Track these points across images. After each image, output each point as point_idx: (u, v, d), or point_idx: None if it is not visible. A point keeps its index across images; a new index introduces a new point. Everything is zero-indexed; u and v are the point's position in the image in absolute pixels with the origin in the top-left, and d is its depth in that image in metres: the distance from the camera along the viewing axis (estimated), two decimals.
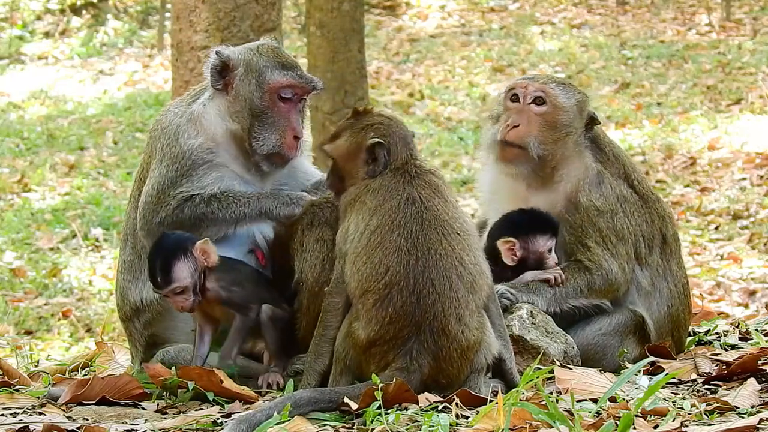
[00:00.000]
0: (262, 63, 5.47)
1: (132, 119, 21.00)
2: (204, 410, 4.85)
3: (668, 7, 26.19)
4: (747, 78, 21.23)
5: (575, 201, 5.56)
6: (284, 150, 5.45)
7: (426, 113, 20.90)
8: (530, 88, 5.59)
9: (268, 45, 5.57)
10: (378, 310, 4.76)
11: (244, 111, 5.45)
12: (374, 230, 4.84)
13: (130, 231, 5.55)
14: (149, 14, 26.81)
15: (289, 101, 5.47)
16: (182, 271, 5.12)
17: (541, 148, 5.54)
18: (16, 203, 17.47)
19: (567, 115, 5.59)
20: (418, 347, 4.75)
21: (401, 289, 4.75)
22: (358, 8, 15.18)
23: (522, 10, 26.70)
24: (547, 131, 5.56)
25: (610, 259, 5.50)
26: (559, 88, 5.61)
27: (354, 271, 4.83)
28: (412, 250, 4.79)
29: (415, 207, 4.88)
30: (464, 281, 4.81)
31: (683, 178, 17.14)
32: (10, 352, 6.80)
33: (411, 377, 4.72)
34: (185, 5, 10.90)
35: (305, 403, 4.59)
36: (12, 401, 5.08)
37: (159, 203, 5.36)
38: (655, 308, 5.64)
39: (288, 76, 5.46)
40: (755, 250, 14.32)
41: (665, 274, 5.69)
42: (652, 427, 4.26)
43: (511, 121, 5.57)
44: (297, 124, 5.47)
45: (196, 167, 5.41)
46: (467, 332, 4.78)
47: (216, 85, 5.49)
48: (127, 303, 5.56)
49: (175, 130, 5.46)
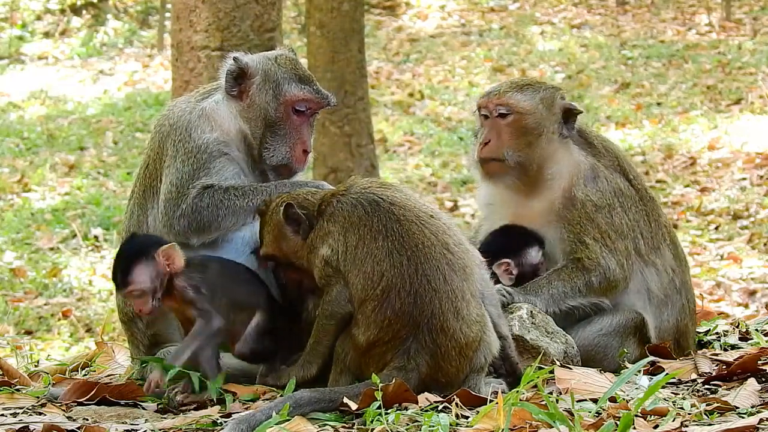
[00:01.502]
0: (280, 74, 5.49)
1: (132, 119, 21.00)
2: (204, 410, 4.85)
3: (668, 7, 26.19)
4: (747, 78, 21.23)
5: (571, 196, 5.56)
6: (293, 163, 5.49)
7: (426, 113, 20.90)
8: (491, 105, 5.63)
9: (287, 56, 5.59)
10: (377, 315, 4.75)
11: (258, 120, 5.48)
12: (356, 245, 4.82)
13: (133, 227, 5.54)
14: (149, 14, 26.81)
15: (302, 115, 5.51)
16: (141, 275, 5.04)
17: (516, 156, 5.57)
18: (16, 203, 17.48)
19: (533, 117, 5.60)
20: (416, 346, 4.74)
21: (399, 291, 4.74)
22: (358, 8, 15.18)
23: (522, 10, 26.70)
24: (518, 138, 5.59)
25: (608, 256, 5.50)
26: (519, 94, 5.61)
27: (351, 283, 4.81)
28: (401, 251, 4.78)
29: (381, 206, 4.88)
30: (456, 269, 4.81)
31: (683, 178, 17.14)
32: (10, 352, 6.80)
33: (409, 376, 4.71)
34: (185, 5, 10.90)
35: (305, 404, 4.59)
36: (12, 401, 5.08)
37: (180, 196, 5.36)
38: (665, 317, 5.65)
39: (305, 90, 5.49)
40: (755, 250, 14.32)
41: (682, 287, 5.70)
42: (652, 427, 4.26)
43: (482, 139, 5.64)
44: (307, 139, 5.52)
45: (212, 160, 5.42)
46: (465, 328, 4.77)
47: (231, 91, 5.51)
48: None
49: (186, 126, 5.46)
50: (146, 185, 5.53)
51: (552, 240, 5.58)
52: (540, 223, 5.59)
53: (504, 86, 5.68)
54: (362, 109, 15.06)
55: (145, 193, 5.53)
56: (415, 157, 18.93)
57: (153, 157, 5.53)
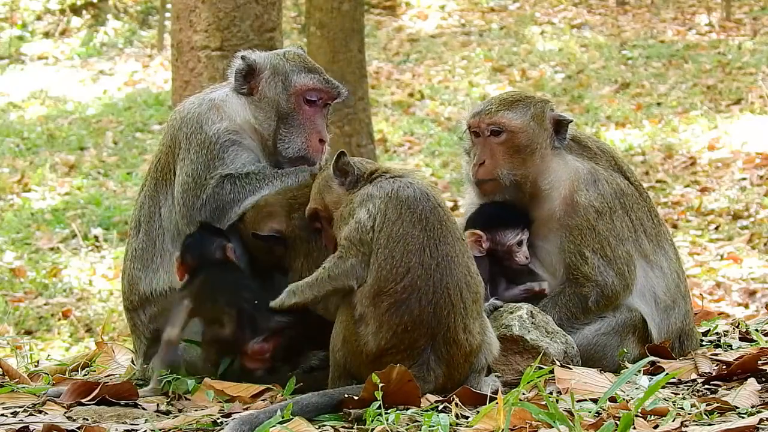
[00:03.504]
0: (288, 67, 5.53)
1: (132, 119, 21.00)
2: (204, 410, 4.85)
3: (668, 7, 26.20)
4: (747, 78, 21.23)
5: (572, 203, 5.55)
6: (310, 153, 5.49)
7: (426, 113, 20.90)
8: (482, 124, 5.60)
9: (294, 51, 5.64)
10: (392, 316, 4.66)
11: (270, 113, 5.50)
12: (394, 221, 4.71)
13: (144, 218, 5.56)
14: (149, 14, 26.81)
15: (314, 105, 5.52)
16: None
17: (512, 175, 5.56)
18: (16, 203, 17.48)
19: (526, 134, 5.58)
20: (434, 358, 4.70)
21: (420, 297, 4.66)
22: (358, 8, 15.18)
23: (522, 10, 26.70)
24: (512, 156, 5.57)
25: (606, 270, 5.49)
26: (510, 112, 5.59)
27: (373, 265, 4.68)
28: (434, 253, 4.69)
29: (430, 201, 4.79)
30: (471, 291, 4.77)
31: (683, 178, 17.14)
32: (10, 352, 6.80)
33: (426, 387, 4.69)
34: (185, 5, 10.91)
35: (311, 410, 4.56)
36: (12, 400, 5.08)
37: (198, 187, 5.38)
38: (672, 321, 5.65)
39: (314, 80, 5.52)
40: (755, 250, 14.32)
41: (686, 293, 5.70)
42: (652, 427, 4.26)
43: (477, 159, 5.62)
44: (322, 128, 5.53)
45: (226, 149, 5.44)
46: (471, 339, 4.77)
47: (241, 89, 5.54)
48: (135, 292, 5.53)
49: (196, 118, 5.49)
50: (158, 178, 5.56)
51: (552, 250, 5.56)
52: (540, 234, 5.57)
53: (494, 105, 5.62)
54: (362, 109, 15.06)
55: (157, 185, 5.56)
56: (415, 157, 18.93)
57: (165, 150, 5.56)
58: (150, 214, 5.54)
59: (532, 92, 6.28)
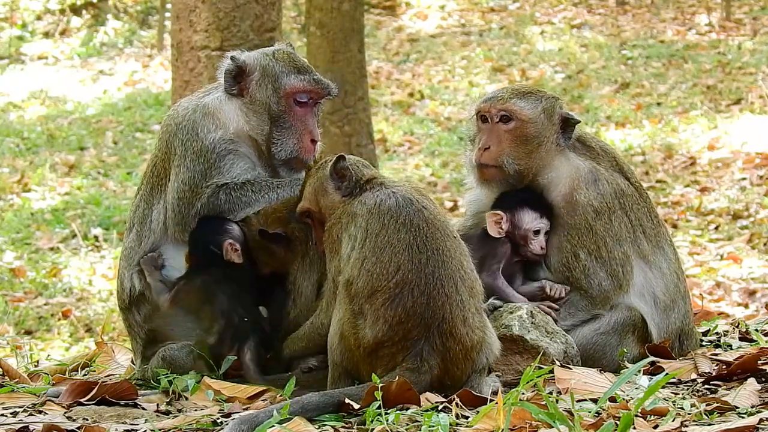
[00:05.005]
0: (278, 68, 5.54)
1: (132, 119, 21.00)
2: (204, 410, 4.85)
3: (668, 7, 26.19)
4: (747, 78, 21.23)
5: (572, 201, 5.56)
6: (302, 155, 5.51)
7: (426, 113, 20.90)
8: (494, 110, 5.60)
9: (284, 50, 5.64)
10: (387, 310, 4.72)
11: (261, 116, 5.52)
12: (378, 233, 4.80)
13: (138, 220, 5.59)
14: (149, 14, 26.81)
15: (305, 105, 5.55)
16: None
17: (515, 164, 5.57)
18: (16, 203, 17.48)
19: (535, 126, 5.59)
20: (428, 349, 4.73)
21: (412, 288, 4.73)
22: (358, 8, 15.18)
23: (522, 10, 26.70)
24: (518, 146, 5.58)
25: (597, 272, 5.49)
26: (522, 101, 5.60)
27: (363, 272, 4.77)
28: (422, 248, 4.78)
29: (413, 206, 4.87)
30: (466, 285, 4.82)
31: (683, 178, 17.14)
32: (10, 352, 6.80)
33: (421, 378, 4.70)
34: (185, 5, 10.91)
35: (312, 409, 4.57)
36: (12, 400, 5.08)
37: (193, 196, 5.42)
38: (671, 321, 5.65)
39: (304, 81, 5.53)
40: (755, 250, 14.32)
41: (685, 293, 5.70)
42: (652, 427, 4.26)
43: (482, 144, 5.62)
44: (313, 128, 5.55)
45: (222, 158, 5.46)
46: (471, 333, 4.78)
47: (231, 90, 5.54)
48: (124, 290, 5.58)
49: (191, 125, 5.50)
50: (153, 183, 5.59)
51: (549, 246, 5.57)
52: None
53: (507, 92, 5.65)
54: (362, 109, 15.05)
55: (152, 190, 5.59)
56: (415, 157, 18.93)
57: (161, 156, 5.58)
58: (143, 216, 5.58)
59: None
